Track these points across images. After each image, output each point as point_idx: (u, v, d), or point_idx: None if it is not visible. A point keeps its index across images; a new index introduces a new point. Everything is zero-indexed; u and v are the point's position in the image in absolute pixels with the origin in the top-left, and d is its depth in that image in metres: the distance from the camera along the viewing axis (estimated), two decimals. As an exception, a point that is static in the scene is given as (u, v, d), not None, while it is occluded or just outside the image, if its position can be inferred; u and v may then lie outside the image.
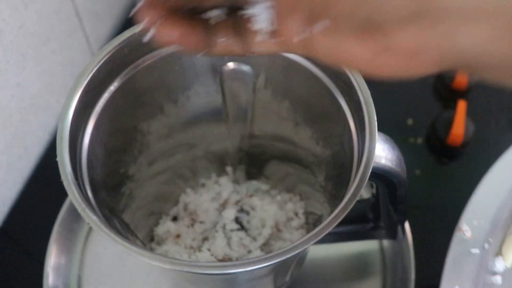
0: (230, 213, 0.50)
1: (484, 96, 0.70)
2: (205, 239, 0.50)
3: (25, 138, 0.60)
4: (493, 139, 0.66)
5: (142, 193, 0.47)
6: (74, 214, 0.54)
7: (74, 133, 0.36)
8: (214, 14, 0.27)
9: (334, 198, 0.42)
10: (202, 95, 0.46)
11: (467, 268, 0.47)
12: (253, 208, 0.52)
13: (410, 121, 0.67)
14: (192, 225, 0.50)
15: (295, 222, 0.50)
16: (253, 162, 0.53)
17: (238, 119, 0.48)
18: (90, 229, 0.55)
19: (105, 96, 0.39)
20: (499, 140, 0.67)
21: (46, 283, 0.51)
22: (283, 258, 0.32)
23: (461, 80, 0.68)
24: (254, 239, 0.50)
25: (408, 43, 0.22)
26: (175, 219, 0.52)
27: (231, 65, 0.44)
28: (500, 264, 0.48)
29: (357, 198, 0.33)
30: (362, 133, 0.36)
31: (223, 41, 0.27)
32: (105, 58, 0.38)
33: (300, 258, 0.48)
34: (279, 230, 0.50)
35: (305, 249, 0.33)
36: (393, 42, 0.23)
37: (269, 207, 0.51)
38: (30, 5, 0.56)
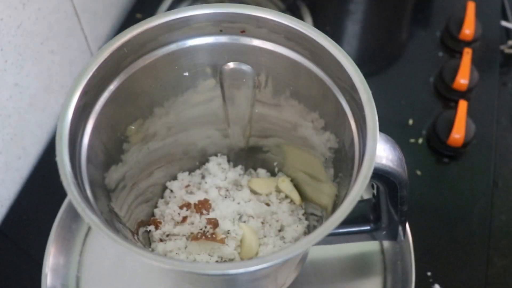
0: (228, 217, 0.50)
1: (485, 96, 0.70)
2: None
3: (24, 138, 0.60)
4: (494, 139, 0.66)
5: (142, 194, 0.47)
6: (73, 215, 0.54)
7: (74, 133, 0.36)
8: None
9: (335, 199, 0.42)
10: (202, 95, 0.46)
11: None
12: (253, 209, 0.52)
13: (411, 121, 0.67)
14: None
15: (296, 223, 0.50)
16: (252, 162, 0.53)
17: (238, 118, 0.48)
18: (89, 229, 0.55)
19: (105, 95, 0.39)
20: (500, 141, 0.67)
21: (45, 284, 0.51)
22: (283, 259, 0.32)
23: (462, 80, 0.68)
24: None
25: None
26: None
27: (231, 65, 0.44)
28: None
29: (358, 199, 0.33)
30: (363, 133, 0.36)
31: None
32: (104, 58, 0.38)
33: (301, 259, 0.48)
34: (279, 230, 0.50)
35: (306, 250, 0.33)
36: None
37: (268, 208, 0.51)
38: (29, 5, 0.55)
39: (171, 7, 0.77)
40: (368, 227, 0.47)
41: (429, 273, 0.56)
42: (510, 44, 0.76)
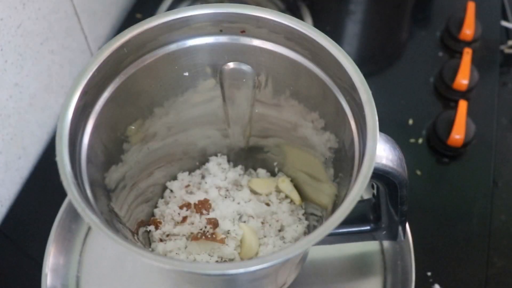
0: (228, 217, 0.50)
1: (485, 96, 0.70)
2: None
3: (24, 138, 0.60)
4: (494, 139, 0.66)
5: (142, 194, 0.47)
6: (73, 215, 0.54)
7: (74, 133, 0.36)
8: None
9: (335, 199, 0.42)
10: (202, 95, 0.46)
11: None
12: (253, 209, 0.52)
13: (411, 121, 0.67)
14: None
15: (296, 223, 0.50)
16: (252, 162, 0.53)
17: (238, 118, 0.48)
18: (89, 229, 0.55)
19: (105, 95, 0.39)
20: (500, 141, 0.67)
21: (45, 284, 0.51)
22: (283, 259, 0.32)
23: (462, 80, 0.68)
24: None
25: None
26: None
27: (231, 65, 0.44)
28: None
29: (358, 199, 0.33)
30: (363, 133, 0.36)
31: None
32: (104, 58, 0.38)
33: (301, 259, 0.48)
34: (279, 230, 0.50)
35: (306, 250, 0.33)
36: None
37: (268, 208, 0.51)
38: (28, 4, 0.55)
39: (171, 7, 0.77)
40: (368, 227, 0.47)
41: (429, 273, 0.56)
42: (510, 44, 0.76)
